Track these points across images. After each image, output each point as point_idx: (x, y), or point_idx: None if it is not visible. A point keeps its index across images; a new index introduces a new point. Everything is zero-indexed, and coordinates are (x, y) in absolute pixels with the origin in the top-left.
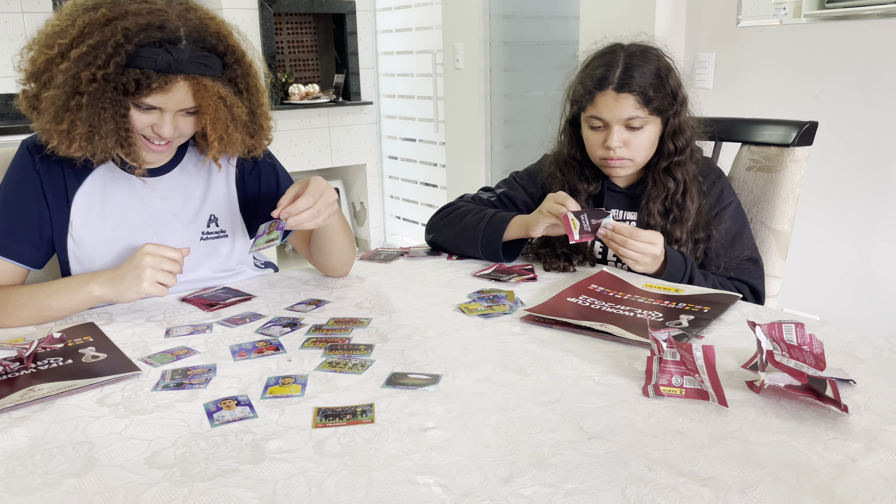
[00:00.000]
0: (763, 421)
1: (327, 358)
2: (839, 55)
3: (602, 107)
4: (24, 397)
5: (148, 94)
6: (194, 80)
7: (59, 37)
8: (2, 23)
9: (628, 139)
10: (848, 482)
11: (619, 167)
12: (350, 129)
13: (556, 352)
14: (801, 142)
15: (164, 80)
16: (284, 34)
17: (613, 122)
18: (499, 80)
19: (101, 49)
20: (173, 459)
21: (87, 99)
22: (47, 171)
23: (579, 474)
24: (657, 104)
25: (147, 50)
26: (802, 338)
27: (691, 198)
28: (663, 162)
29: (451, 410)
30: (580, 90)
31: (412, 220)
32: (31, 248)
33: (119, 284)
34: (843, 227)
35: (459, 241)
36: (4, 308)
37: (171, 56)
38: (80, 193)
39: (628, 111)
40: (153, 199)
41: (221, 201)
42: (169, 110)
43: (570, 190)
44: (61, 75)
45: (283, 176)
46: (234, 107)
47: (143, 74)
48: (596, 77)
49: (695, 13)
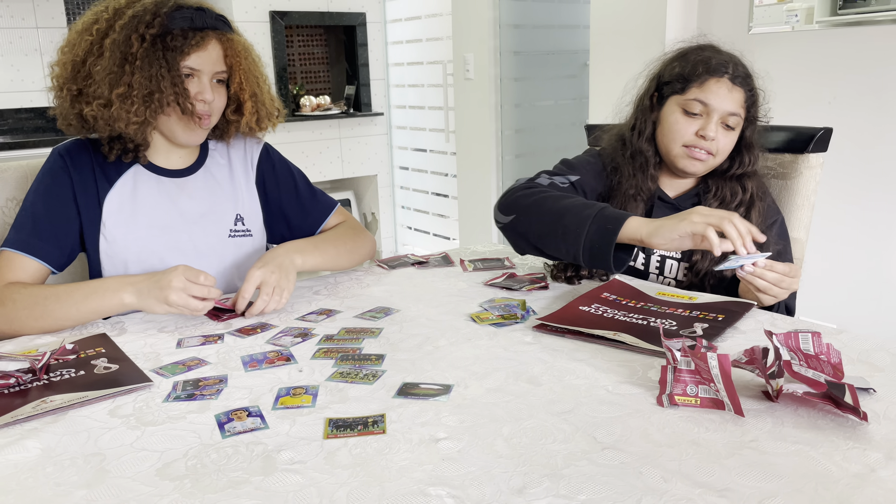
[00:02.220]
0: (780, 430)
1: (338, 368)
2: (852, 61)
3: (713, 93)
4: (37, 409)
5: (189, 51)
6: (223, 36)
7: (95, 23)
8: (17, 38)
9: (719, 135)
10: (867, 493)
11: (702, 160)
12: (361, 140)
13: (569, 361)
14: (815, 148)
15: (200, 36)
16: (295, 46)
17: (716, 112)
18: (509, 89)
19: (143, 15)
20: (184, 471)
21: (140, 62)
22: (79, 175)
23: (593, 485)
24: (753, 112)
25: (180, 12)
26: (819, 347)
27: (758, 211)
28: (736, 169)
29: (462, 421)
30: (686, 71)
31: (423, 231)
32: (57, 250)
33: (146, 298)
34: (858, 234)
35: (552, 228)
36: (32, 312)
37: (201, 13)
38: (112, 195)
39: (735, 106)
40: (182, 198)
41: (245, 201)
42: (206, 72)
43: (636, 189)
44: (109, 48)
45: (300, 180)
46: (258, 62)
47: (181, 33)
48: (712, 62)
49: (706, 21)
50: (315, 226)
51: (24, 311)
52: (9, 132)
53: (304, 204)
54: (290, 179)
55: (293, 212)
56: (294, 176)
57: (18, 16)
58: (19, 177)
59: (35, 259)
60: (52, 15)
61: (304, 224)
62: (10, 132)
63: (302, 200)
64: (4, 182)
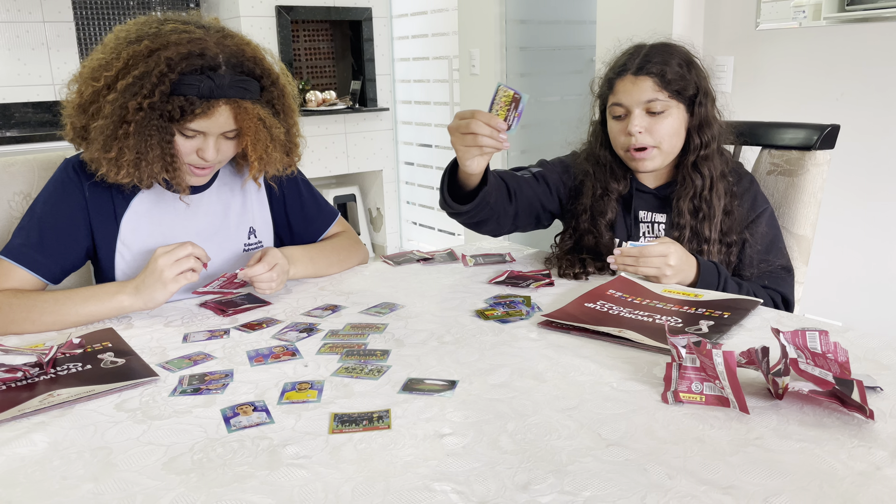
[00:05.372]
0: (785, 428)
1: (344, 363)
2: (860, 58)
3: (621, 92)
4: (44, 402)
5: (192, 119)
6: (235, 103)
7: (105, 69)
8: (23, 32)
9: (650, 125)
10: (873, 491)
11: (646, 158)
12: (367, 135)
13: (574, 358)
14: (822, 145)
15: (206, 105)
16: (301, 41)
17: (633, 106)
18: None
19: (146, 79)
20: (190, 465)
21: (135, 127)
22: (95, 194)
23: (598, 482)
24: (676, 87)
25: (189, 77)
26: (827, 345)
27: (717, 194)
28: (690, 156)
29: (467, 417)
30: (603, 82)
31: (428, 226)
32: (57, 265)
33: (144, 292)
34: (865, 231)
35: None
36: (29, 315)
37: (212, 82)
38: (129, 214)
39: (647, 94)
40: (197, 216)
41: (257, 213)
42: (212, 134)
43: (602, 189)
44: (109, 106)
45: (305, 188)
46: (273, 127)
47: (186, 101)
48: (617, 66)
49: (713, 17)
50: (317, 234)
51: (22, 314)
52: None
53: (308, 213)
54: (296, 188)
55: (297, 220)
56: (300, 185)
57: (25, 10)
58: (26, 171)
59: (32, 273)
60: (59, 9)
61: (306, 233)
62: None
63: (306, 210)
64: (11, 176)
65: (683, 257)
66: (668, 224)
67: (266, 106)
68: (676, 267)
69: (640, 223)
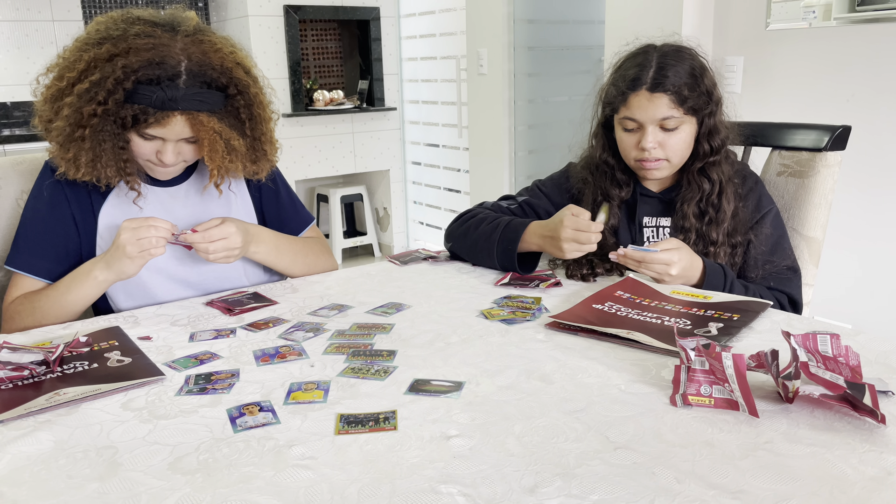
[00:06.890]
0: (795, 432)
1: (350, 364)
2: (871, 58)
3: (636, 107)
4: (50, 401)
5: (146, 127)
6: (191, 115)
7: (69, 70)
8: (33, 31)
9: (663, 140)
10: (884, 496)
11: (655, 169)
12: (374, 134)
13: (582, 359)
14: (833, 146)
15: (160, 115)
16: (309, 41)
17: (648, 123)
18: (523, 85)
19: (101, 86)
20: (196, 465)
21: (89, 132)
22: (74, 190)
23: (606, 485)
24: (692, 104)
25: (144, 87)
26: (838, 349)
27: (727, 198)
28: (698, 163)
29: (474, 418)
30: (613, 92)
31: (435, 226)
32: (55, 265)
33: (114, 265)
34: (876, 233)
35: (475, 252)
36: (34, 316)
37: (165, 94)
38: (106, 207)
39: (662, 111)
40: (175, 206)
41: (240, 206)
42: (170, 140)
43: (603, 195)
44: (67, 108)
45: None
46: (231, 139)
47: (140, 110)
48: (629, 78)
49: (723, 17)
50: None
51: (29, 318)
52: (24, 124)
53: (283, 215)
54: (274, 188)
55: (272, 219)
56: (278, 185)
57: (35, 9)
58: (34, 169)
59: (35, 277)
60: (69, 8)
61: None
62: (25, 124)
63: (282, 211)
64: (19, 174)
65: (688, 264)
66: (672, 227)
67: (228, 116)
68: (678, 275)
69: (644, 228)
